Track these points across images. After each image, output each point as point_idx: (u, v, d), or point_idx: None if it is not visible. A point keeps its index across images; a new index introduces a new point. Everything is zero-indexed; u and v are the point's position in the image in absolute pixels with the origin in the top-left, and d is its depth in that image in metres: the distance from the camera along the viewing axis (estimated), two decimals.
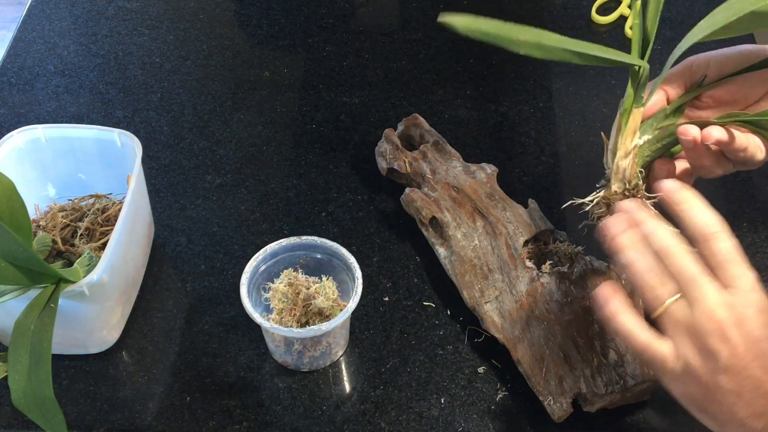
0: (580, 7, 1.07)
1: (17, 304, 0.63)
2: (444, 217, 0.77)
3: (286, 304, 0.71)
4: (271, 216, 0.84)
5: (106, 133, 0.76)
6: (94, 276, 0.64)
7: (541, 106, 0.95)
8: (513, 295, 0.72)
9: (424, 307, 0.76)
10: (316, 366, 0.71)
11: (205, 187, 0.87)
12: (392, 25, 1.07)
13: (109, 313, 0.71)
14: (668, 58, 0.66)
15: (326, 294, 0.71)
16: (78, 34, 1.04)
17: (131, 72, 0.99)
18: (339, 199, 0.86)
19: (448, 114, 0.94)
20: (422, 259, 0.80)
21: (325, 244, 0.72)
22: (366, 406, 0.70)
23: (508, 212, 0.77)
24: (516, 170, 0.88)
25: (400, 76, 0.99)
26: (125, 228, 0.69)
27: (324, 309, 0.71)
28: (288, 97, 0.96)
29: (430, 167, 0.82)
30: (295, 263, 0.74)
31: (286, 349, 0.70)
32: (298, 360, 0.70)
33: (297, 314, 0.71)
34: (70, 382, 0.71)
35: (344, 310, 0.67)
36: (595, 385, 0.65)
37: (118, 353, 0.73)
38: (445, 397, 0.70)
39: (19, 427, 0.68)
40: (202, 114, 0.94)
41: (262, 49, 1.03)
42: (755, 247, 0.81)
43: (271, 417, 0.69)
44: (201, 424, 0.68)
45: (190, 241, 0.82)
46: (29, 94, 0.96)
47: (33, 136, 0.76)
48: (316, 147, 0.91)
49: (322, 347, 0.70)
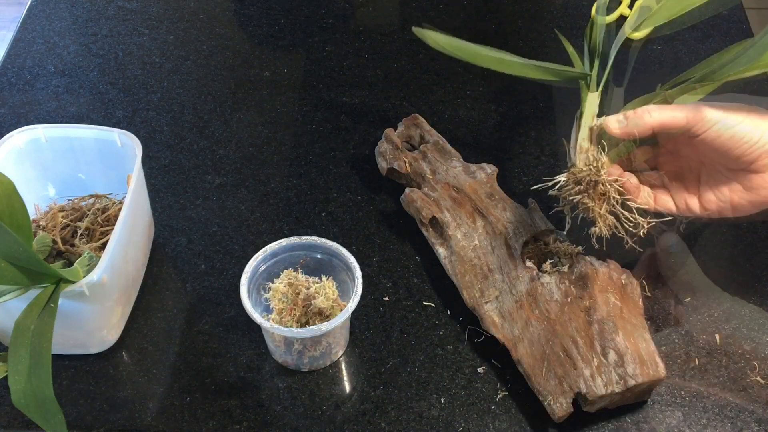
0: (580, 7, 1.07)
1: (17, 304, 0.63)
2: (444, 217, 0.77)
3: (286, 304, 0.71)
4: (271, 216, 0.84)
5: (106, 133, 0.76)
6: (94, 276, 0.64)
7: (541, 106, 0.95)
8: (513, 295, 0.72)
9: (424, 307, 0.76)
10: (317, 366, 0.71)
11: (205, 187, 0.87)
12: (392, 25, 1.07)
13: (109, 313, 0.71)
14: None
15: (326, 294, 0.71)
16: (78, 34, 1.04)
17: (131, 72, 0.99)
18: (339, 199, 0.86)
19: (448, 114, 0.94)
20: (422, 259, 0.80)
21: (325, 244, 0.72)
22: (366, 406, 0.70)
23: (508, 212, 0.77)
24: (516, 170, 0.88)
25: (400, 76, 0.99)
26: (125, 228, 0.69)
27: (324, 309, 0.71)
28: (288, 97, 0.97)
29: (430, 167, 0.82)
30: (295, 263, 0.74)
31: (286, 349, 0.70)
32: (298, 360, 0.71)
33: (297, 314, 0.71)
34: (70, 382, 0.71)
35: (344, 310, 0.67)
36: (595, 385, 0.65)
37: (118, 353, 0.73)
38: (445, 397, 0.70)
39: (19, 427, 0.68)
40: (202, 114, 0.94)
41: (262, 49, 1.03)
42: (755, 247, 0.81)
43: (271, 417, 0.69)
44: (201, 424, 0.68)
45: (190, 241, 0.82)
46: (29, 94, 0.96)
47: (33, 136, 0.76)
48: (316, 147, 0.91)
49: (322, 347, 0.70)
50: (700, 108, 0.65)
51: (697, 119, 0.65)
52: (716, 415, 0.69)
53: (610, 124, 0.68)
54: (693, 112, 0.65)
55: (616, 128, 0.67)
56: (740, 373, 0.71)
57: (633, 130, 0.67)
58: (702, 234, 0.82)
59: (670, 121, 0.66)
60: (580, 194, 0.69)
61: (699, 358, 0.72)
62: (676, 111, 0.66)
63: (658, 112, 0.66)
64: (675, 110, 0.66)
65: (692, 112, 0.65)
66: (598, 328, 0.68)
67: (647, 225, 0.69)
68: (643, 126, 0.66)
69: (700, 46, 1.01)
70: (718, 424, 0.68)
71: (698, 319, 0.75)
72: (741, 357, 0.72)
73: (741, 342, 0.73)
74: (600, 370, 0.66)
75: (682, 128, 0.66)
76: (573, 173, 0.70)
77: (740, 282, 0.78)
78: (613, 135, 0.68)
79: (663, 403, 0.70)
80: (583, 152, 0.69)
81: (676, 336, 0.74)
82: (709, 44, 1.02)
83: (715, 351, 0.73)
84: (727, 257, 0.80)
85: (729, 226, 0.82)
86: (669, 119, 0.66)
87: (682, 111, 0.65)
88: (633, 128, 0.67)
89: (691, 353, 0.73)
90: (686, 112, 0.65)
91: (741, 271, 0.79)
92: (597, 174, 0.68)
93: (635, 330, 0.69)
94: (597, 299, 0.70)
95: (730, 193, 0.69)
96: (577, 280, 0.71)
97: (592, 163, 0.69)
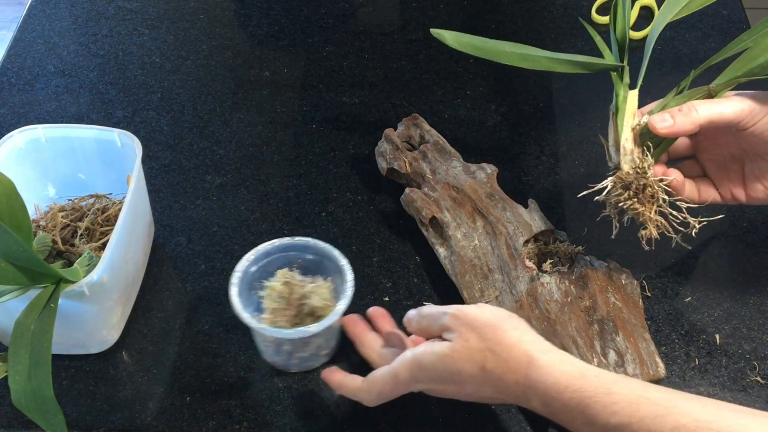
0: (580, 7, 1.07)
1: (17, 304, 0.63)
2: (444, 217, 0.77)
3: (280, 304, 0.71)
4: (271, 216, 0.84)
5: (106, 133, 0.76)
6: (94, 276, 0.64)
7: (541, 106, 0.95)
8: (513, 295, 0.72)
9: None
10: (306, 367, 0.71)
11: (205, 187, 0.87)
12: (392, 25, 1.07)
13: (109, 313, 0.71)
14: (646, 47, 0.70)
15: (321, 294, 0.70)
16: (78, 34, 1.04)
17: (131, 72, 0.99)
18: (339, 199, 0.86)
19: (448, 114, 0.94)
20: (422, 259, 0.80)
21: (318, 246, 0.71)
22: (366, 406, 0.69)
23: (508, 212, 0.77)
24: (516, 170, 0.88)
25: (400, 76, 0.99)
26: (125, 228, 0.69)
27: (317, 309, 0.70)
28: (288, 97, 0.96)
29: (430, 167, 0.82)
30: (287, 264, 0.73)
31: (276, 350, 0.70)
32: (287, 360, 0.70)
33: (289, 315, 0.70)
34: (70, 382, 0.71)
35: (333, 312, 0.67)
36: None
37: (118, 353, 0.73)
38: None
39: (19, 427, 0.68)
40: (202, 114, 0.94)
41: (262, 49, 1.03)
42: (755, 247, 0.81)
43: (271, 417, 0.69)
44: (201, 424, 0.68)
45: (190, 241, 0.82)
46: (29, 94, 0.96)
47: (33, 136, 0.76)
48: (316, 147, 0.91)
49: (311, 349, 0.69)
50: (746, 101, 0.64)
51: (746, 113, 0.63)
52: None
53: (657, 125, 0.65)
54: (740, 106, 0.63)
55: (663, 128, 0.65)
56: (740, 373, 0.71)
57: (680, 128, 0.64)
58: (702, 234, 0.82)
59: (718, 116, 0.64)
60: (630, 200, 0.66)
61: (699, 358, 0.72)
62: (723, 105, 0.64)
63: (705, 108, 0.64)
64: (722, 105, 0.64)
65: (740, 106, 0.63)
66: (598, 328, 0.68)
67: (698, 225, 0.67)
68: (691, 123, 0.64)
69: (700, 46, 1.01)
70: None
71: (698, 319, 0.75)
72: (741, 357, 0.72)
73: (741, 342, 0.73)
74: None
75: (730, 122, 0.64)
76: (620, 177, 0.66)
77: (740, 282, 0.78)
78: (660, 135, 0.65)
79: None
80: (627, 154, 0.66)
81: (676, 336, 0.74)
82: (709, 44, 1.02)
83: (715, 351, 0.73)
84: (727, 257, 0.80)
85: (729, 226, 0.82)
86: (717, 115, 0.64)
87: (729, 105, 0.64)
88: (680, 127, 0.64)
89: (691, 353, 0.73)
90: (734, 107, 0.64)
91: (741, 271, 0.79)
92: (644, 177, 0.66)
93: (635, 330, 0.69)
94: (597, 299, 0.70)
95: None
96: (577, 280, 0.71)
97: (639, 166, 0.66)
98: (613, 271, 0.72)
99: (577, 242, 0.77)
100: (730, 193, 0.70)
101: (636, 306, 0.71)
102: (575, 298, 0.70)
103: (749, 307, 0.76)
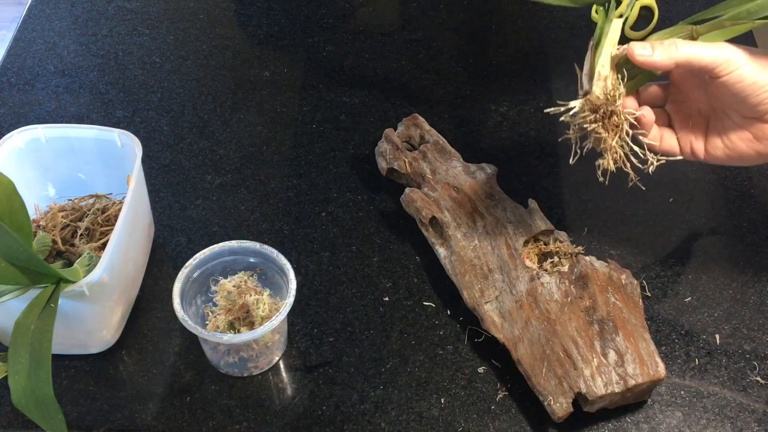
0: (580, 7, 1.07)
1: (17, 304, 0.63)
2: (444, 217, 0.77)
3: (227, 304, 0.71)
4: (271, 216, 0.84)
5: (106, 133, 0.76)
6: (94, 276, 0.64)
7: (541, 106, 0.95)
8: (513, 295, 0.72)
9: (424, 307, 0.76)
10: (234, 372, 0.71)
11: (205, 187, 0.87)
12: (392, 25, 1.07)
13: (109, 313, 0.71)
14: None
15: (262, 308, 0.71)
16: (78, 34, 1.04)
17: (131, 72, 0.99)
18: (339, 199, 0.86)
19: (448, 114, 0.94)
20: (422, 259, 0.80)
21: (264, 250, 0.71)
22: (366, 406, 0.70)
23: (508, 212, 0.77)
24: (516, 170, 0.88)
25: (400, 76, 0.99)
26: (125, 228, 0.69)
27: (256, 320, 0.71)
28: (288, 97, 0.97)
29: (430, 167, 0.82)
30: (252, 269, 0.73)
31: (212, 348, 0.70)
32: (217, 360, 0.71)
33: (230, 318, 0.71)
34: (70, 382, 0.71)
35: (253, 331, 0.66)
36: (595, 385, 0.65)
37: (118, 353, 0.73)
38: (445, 397, 0.70)
39: (19, 427, 0.68)
40: (202, 114, 0.94)
41: (262, 49, 1.03)
42: (755, 247, 0.81)
43: (271, 417, 0.69)
44: (201, 424, 0.68)
45: (190, 241, 0.82)
46: (29, 94, 0.96)
47: (33, 136, 0.76)
48: (316, 147, 0.91)
49: (246, 354, 0.70)
50: (726, 49, 0.64)
51: (723, 60, 0.63)
52: (716, 415, 0.69)
53: (636, 52, 0.65)
54: (720, 52, 0.64)
55: (641, 56, 0.65)
56: (740, 373, 0.71)
57: (658, 60, 0.64)
58: (702, 234, 0.82)
59: (697, 57, 0.64)
60: (595, 123, 0.65)
61: (699, 358, 0.72)
62: (704, 48, 0.64)
63: (685, 47, 0.64)
64: (702, 47, 0.64)
65: (719, 52, 0.64)
66: (598, 328, 0.68)
67: (657, 162, 0.66)
68: (669, 59, 0.64)
69: None
70: (718, 424, 0.68)
71: (698, 319, 0.75)
72: (741, 357, 0.72)
73: (741, 342, 0.73)
74: (600, 370, 0.66)
75: (706, 67, 0.64)
76: (589, 100, 0.66)
77: (740, 282, 0.78)
78: (636, 63, 0.65)
79: (663, 403, 0.70)
80: (601, 79, 0.66)
81: (676, 336, 0.74)
82: None
83: (715, 351, 0.73)
84: (727, 257, 0.80)
85: (729, 225, 0.82)
86: (695, 56, 0.64)
87: (709, 49, 0.64)
88: (658, 59, 0.64)
89: (691, 353, 0.73)
90: (713, 51, 0.64)
91: (741, 271, 0.79)
92: (614, 103, 0.65)
93: (635, 330, 0.69)
94: (597, 299, 0.70)
95: (739, 141, 0.67)
96: (577, 280, 0.71)
97: (610, 92, 0.65)
98: (613, 271, 0.72)
99: (577, 242, 0.77)
100: (690, 146, 0.70)
101: (636, 306, 0.71)
102: (575, 298, 0.70)
103: (749, 307, 0.76)
